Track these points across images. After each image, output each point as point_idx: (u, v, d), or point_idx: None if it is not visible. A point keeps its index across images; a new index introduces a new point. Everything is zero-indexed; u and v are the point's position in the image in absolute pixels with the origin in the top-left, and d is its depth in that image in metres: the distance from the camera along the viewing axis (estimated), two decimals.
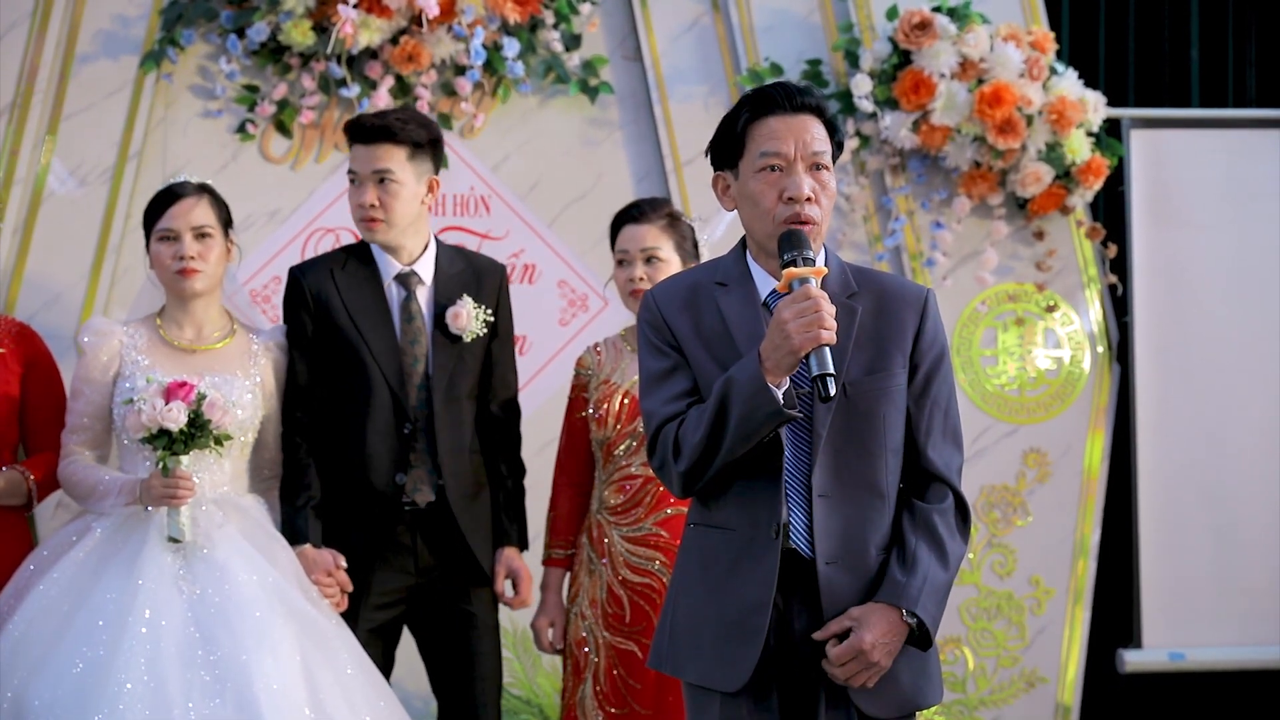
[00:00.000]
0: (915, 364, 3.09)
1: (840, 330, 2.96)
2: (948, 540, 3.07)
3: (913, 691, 3.08)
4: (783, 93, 3.06)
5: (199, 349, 4.12)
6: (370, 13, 5.10)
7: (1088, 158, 5.31)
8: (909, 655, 3.06)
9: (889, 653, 3.01)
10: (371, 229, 4.15)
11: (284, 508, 4.15)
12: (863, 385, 3.03)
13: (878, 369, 3.05)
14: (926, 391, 3.10)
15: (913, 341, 3.09)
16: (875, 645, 2.99)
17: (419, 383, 4.16)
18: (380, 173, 4.12)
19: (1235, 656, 5.59)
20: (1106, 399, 5.52)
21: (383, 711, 3.85)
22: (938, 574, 3.04)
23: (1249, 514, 5.58)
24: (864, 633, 2.99)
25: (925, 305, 3.12)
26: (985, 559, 5.46)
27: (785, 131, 3.03)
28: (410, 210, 4.17)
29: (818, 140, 3.04)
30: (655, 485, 4.08)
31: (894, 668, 3.03)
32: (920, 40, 5.23)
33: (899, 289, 3.14)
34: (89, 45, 5.23)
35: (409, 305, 4.18)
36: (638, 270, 4.11)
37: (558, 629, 4.23)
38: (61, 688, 3.63)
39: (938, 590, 3.04)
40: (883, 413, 3.05)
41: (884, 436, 3.05)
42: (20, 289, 5.11)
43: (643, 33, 5.44)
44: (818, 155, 3.03)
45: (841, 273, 3.12)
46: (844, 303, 3.05)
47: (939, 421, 3.11)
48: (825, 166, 3.04)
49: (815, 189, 3.03)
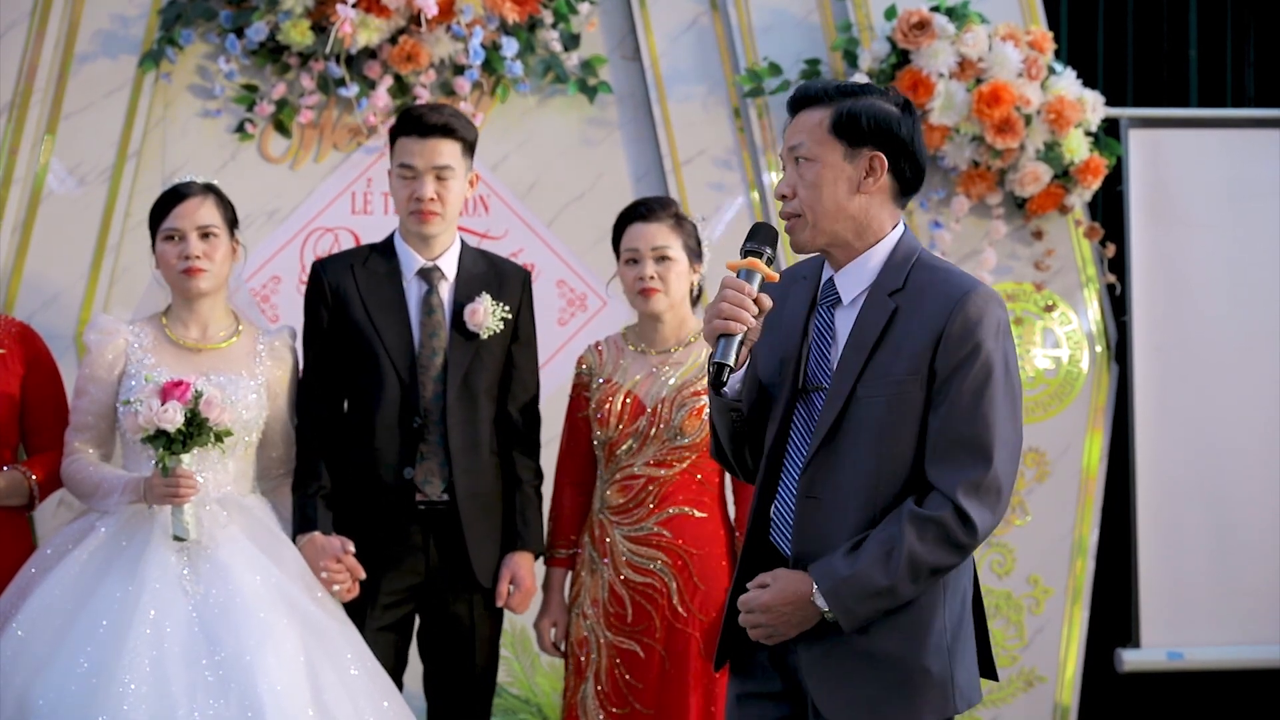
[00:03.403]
0: (934, 370, 2.93)
1: (866, 327, 2.96)
2: (911, 544, 2.88)
3: (880, 704, 2.95)
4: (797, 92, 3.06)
5: (204, 348, 4.12)
6: (369, 12, 5.10)
7: (1086, 157, 5.31)
8: (877, 666, 2.95)
9: (788, 622, 2.96)
10: (428, 221, 4.18)
11: (295, 496, 4.16)
12: (871, 387, 2.95)
13: (890, 375, 2.94)
14: (943, 398, 2.92)
15: (934, 346, 2.93)
16: (770, 607, 2.97)
17: (435, 375, 4.18)
18: (440, 168, 4.16)
19: (1234, 656, 5.59)
20: (1105, 398, 5.52)
21: (387, 712, 3.85)
22: (873, 575, 2.89)
23: (1247, 513, 5.58)
24: (766, 593, 2.98)
25: (957, 305, 2.92)
26: (984, 558, 5.46)
27: (787, 132, 3.06)
28: (459, 204, 4.25)
29: (797, 133, 3.02)
30: (658, 485, 4.09)
31: (859, 676, 2.96)
32: (918, 40, 5.23)
33: (942, 287, 2.97)
34: (88, 45, 5.22)
35: (430, 299, 4.21)
36: (648, 269, 4.10)
37: (560, 629, 4.23)
38: (66, 688, 3.62)
39: (864, 589, 2.89)
40: (887, 418, 2.94)
41: (885, 443, 2.95)
42: (19, 288, 5.10)
43: (641, 32, 5.44)
44: (795, 148, 3.02)
45: (900, 265, 3.00)
46: (881, 299, 2.98)
47: (952, 431, 2.92)
48: (804, 157, 3.00)
49: (794, 183, 3.01)
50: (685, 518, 4.09)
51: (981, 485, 2.91)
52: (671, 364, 4.14)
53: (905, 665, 2.95)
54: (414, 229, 4.21)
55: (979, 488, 2.91)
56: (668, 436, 4.08)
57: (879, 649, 2.96)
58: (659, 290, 4.10)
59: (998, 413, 2.92)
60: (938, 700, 2.96)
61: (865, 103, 2.99)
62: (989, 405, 2.92)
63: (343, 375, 4.21)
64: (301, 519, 4.12)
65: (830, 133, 2.99)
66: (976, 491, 2.91)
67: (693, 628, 4.05)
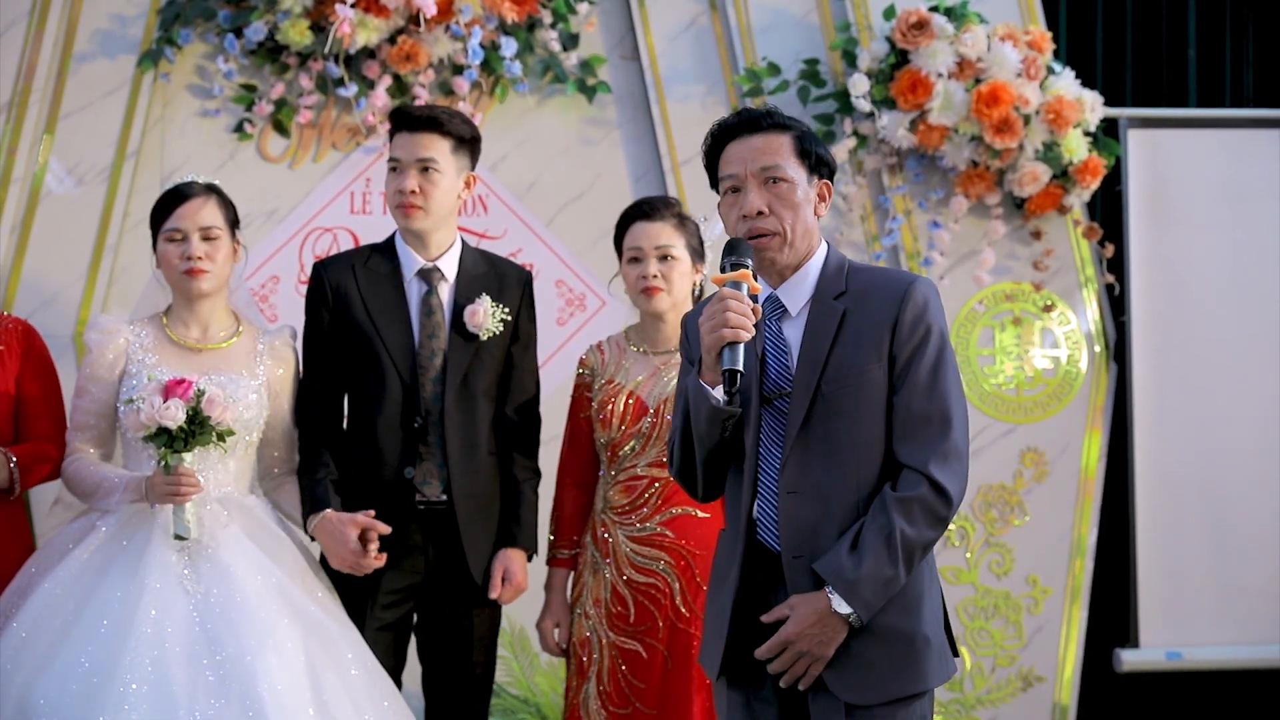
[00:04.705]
0: (894, 355, 3.13)
1: (819, 331, 3.14)
2: (904, 529, 3.05)
3: (892, 678, 3.09)
4: (737, 119, 3.24)
5: (205, 348, 4.11)
6: (368, 12, 5.10)
7: (1085, 157, 5.32)
8: (885, 641, 3.09)
9: (820, 642, 3.07)
10: (409, 215, 4.16)
11: (303, 481, 4.15)
12: (836, 383, 3.11)
13: (852, 366, 3.12)
14: (904, 379, 3.12)
15: (890, 333, 3.12)
16: (801, 635, 3.07)
17: (435, 376, 4.17)
18: (424, 161, 4.14)
19: (1232, 656, 5.60)
20: (1104, 398, 5.53)
21: (387, 712, 3.84)
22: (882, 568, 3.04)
23: (1246, 513, 5.60)
24: (788, 625, 3.08)
25: (905, 295, 3.14)
26: (982, 558, 5.47)
27: (738, 154, 3.21)
28: (448, 202, 4.19)
29: (768, 155, 3.18)
30: (660, 485, 4.09)
31: (866, 653, 3.08)
32: (917, 40, 5.24)
33: (884, 283, 3.20)
34: (86, 44, 5.22)
35: (429, 300, 4.20)
36: (651, 267, 4.11)
37: (563, 630, 4.22)
38: (66, 687, 3.62)
39: (877, 582, 3.05)
40: (855, 409, 3.11)
41: (856, 433, 3.12)
42: (18, 288, 5.10)
43: (640, 32, 5.45)
44: (769, 170, 3.17)
45: (837, 273, 3.21)
46: (829, 304, 3.17)
47: (917, 408, 3.11)
48: (782, 179, 3.17)
49: (770, 201, 3.16)
50: (688, 518, 4.09)
51: (948, 454, 3.11)
52: (674, 364, 4.13)
53: (908, 637, 3.11)
54: (399, 223, 4.20)
55: (946, 456, 3.11)
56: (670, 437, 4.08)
57: (881, 624, 3.09)
58: (662, 289, 4.10)
59: (951, 387, 3.15)
60: (938, 666, 3.14)
61: (811, 134, 3.25)
62: (944, 381, 3.14)
63: (344, 375, 4.20)
64: (312, 500, 4.12)
65: (797, 157, 3.19)
66: (945, 460, 3.10)
67: (695, 628, 4.04)
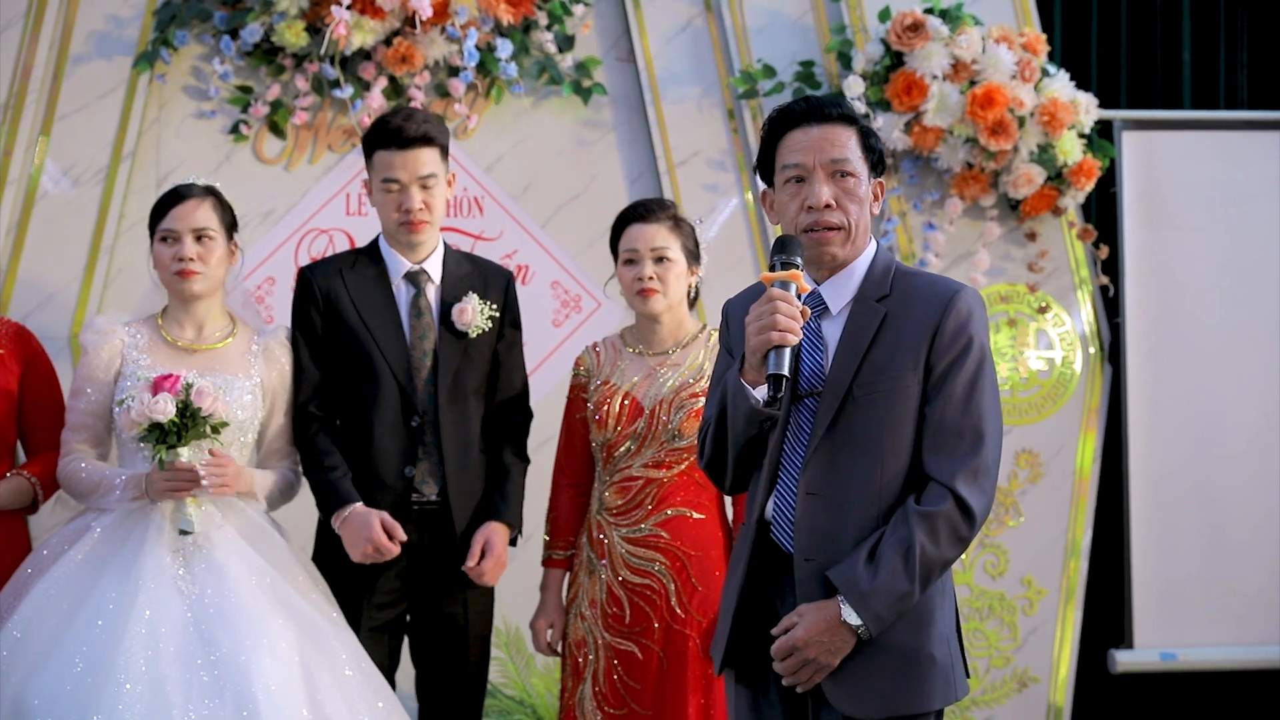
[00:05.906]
0: (931, 364, 3.06)
1: (858, 332, 3.08)
2: (924, 545, 2.99)
3: (892, 693, 3.04)
4: (804, 106, 3.17)
5: (200, 349, 4.12)
6: (363, 14, 5.11)
7: (1079, 159, 5.33)
8: (888, 656, 3.04)
9: (828, 650, 3.03)
10: (419, 230, 4.19)
11: (316, 477, 4.15)
12: (869, 386, 3.06)
13: (886, 370, 3.06)
14: (939, 390, 3.05)
15: (929, 343, 3.06)
16: (809, 642, 3.03)
17: (426, 377, 4.19)
18: (424, 177, 4.16)
19: (1226, 656, 5.60)
20: (1098, 400, 5.54)
21: (381, 712, 3.84)
22: (897, 583, 2.99)
23: (1240, 514, 5.60)
24: (798, 630, 3.04)
25: (949, 304, 3.08)
26: (977, 559, 5.47)
27: (805, 143, 3.14)
28: (444, 207, 4.24)
29: (838, 148, 3.12)
30: (656, 486, 4.09)
31: (869, 667, 3.04)
32: (912, 42, 5.24)
33: (929, 289, 3.13)
34: (82, 46, 5.22)
35: (418, 302, 4.22)
36: (647, 269, 4.11)
37: (557, 630, 4.23)
38: (61, 688, 3.62)
39: (891, 596, 3.00)
40: (885, 415, 3.05)
41: (884, 439, 3.06)
42: (14, 289, 5.10)
43: (636, 34, 5.45)
44: (838, 163, 3.11)
45: (883, 275, 3.15)
46: (871, 306, 3.11)
47: (950, 420, 3.04)
48: (850, 173, 3.12)
49: (837, 195, 3.10)
50: (683, 519, 4.10)
51: (977, 471, 3.04)
52: (669, 365, 4.14)
53: (914, 654, 3.05)
54: (404, 239, 4.22)
55: (975, 474, 3.04)
56: (666, 438, 4.08)
57: (888, 640, 3.04)
58: (658, 291, 4.11)
59: (988, 403, 3.08)
60: (943, 687, 3.08)
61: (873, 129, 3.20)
62: (981, 395, 3.07)
63: (337, 378, 4.21)
64: (336, 494, 4.12)
65: (863, 151, 3.15)
66: (974, 478, 3.04)
67: (691, 629, 4.05)
